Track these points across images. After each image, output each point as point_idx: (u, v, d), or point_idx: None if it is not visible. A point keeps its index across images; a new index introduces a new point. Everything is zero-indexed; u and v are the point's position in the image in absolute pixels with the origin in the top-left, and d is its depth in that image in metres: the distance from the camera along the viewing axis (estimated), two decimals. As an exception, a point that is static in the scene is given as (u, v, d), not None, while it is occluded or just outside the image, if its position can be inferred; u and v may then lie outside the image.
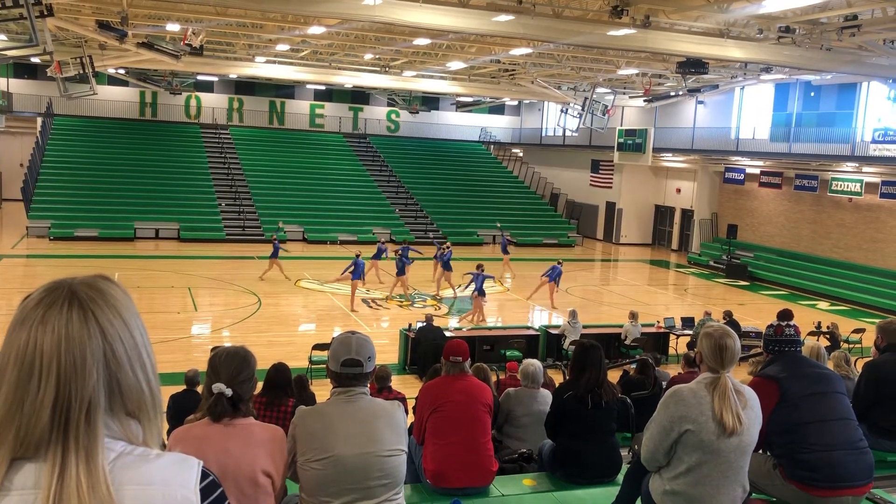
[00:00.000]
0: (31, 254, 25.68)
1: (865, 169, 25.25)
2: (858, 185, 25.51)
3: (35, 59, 28.80)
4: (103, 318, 1.27)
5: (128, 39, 21.56)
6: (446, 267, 21.24)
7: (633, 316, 15.57)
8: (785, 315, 4.35)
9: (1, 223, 32.22)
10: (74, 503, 1.17)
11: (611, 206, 37.26)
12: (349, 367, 3.26)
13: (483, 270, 18.36)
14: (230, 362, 3.09)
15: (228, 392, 2.98)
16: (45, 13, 15.14)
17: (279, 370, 6.49)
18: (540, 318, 20.13)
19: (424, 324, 14.23)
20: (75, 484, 1.18)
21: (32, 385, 1.22)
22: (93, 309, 1.27)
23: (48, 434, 1.21)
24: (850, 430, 4.05)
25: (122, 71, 33.85)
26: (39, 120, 36.04)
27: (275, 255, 22.90)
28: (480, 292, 18.15)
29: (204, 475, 1.32)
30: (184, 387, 8.32)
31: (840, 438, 3.97)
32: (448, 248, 22.03)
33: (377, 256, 22.54)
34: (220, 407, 2.98)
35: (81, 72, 24.47)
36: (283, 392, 6.33)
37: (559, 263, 20.95)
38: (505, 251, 25.77)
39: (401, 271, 20.37)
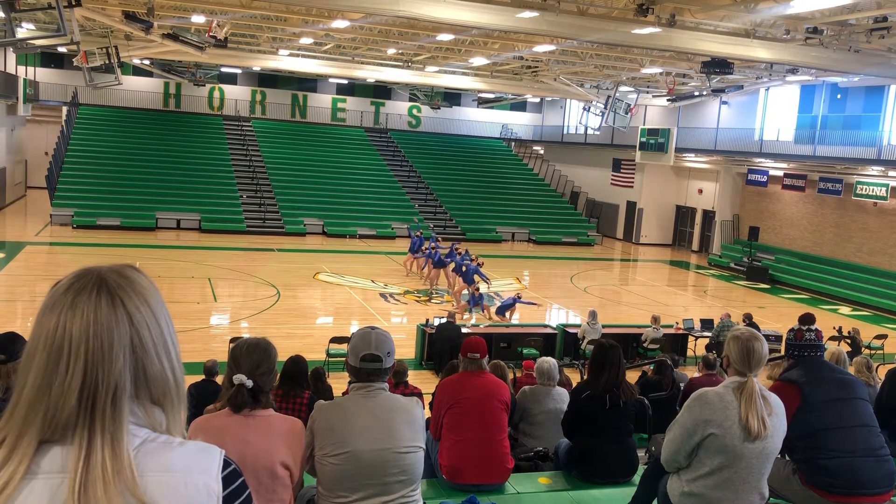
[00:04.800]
0: (55, 241, 25.97)
1: (891, 173, 24.90)
2: (884, 189, 25.17)
3: (62, 49, 29.12)
4: (131, 305, 1.29)
5: (153, 30, 21.71)
6: (438, 265, 21.15)
7: (656, 320, 15.43)
8: (806, 319, 4.31)
9: (25, 211, 32.61)
10: (100, 487, 1.18)
11: (631, 206, 37.06)
12: (368, 362, 3.26)
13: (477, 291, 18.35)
14: (251, 354, 3.11)
15: (249, 383, 3.00)
16: (74, 3, 15.29)
17: (296, 362, 6.54)
18: (558, 316, 20.09)
19: (444, 320, 14.24)
20: (101, 469, 1.20)
21: (61, 368, 1.23)
22: (121, 296, 1.29)
23: (75, 418, 1.23)
24: (871, 436, 4.01)
25: (146, 62, 34.15)
26: (65, 109, 36.41)
27: (413, 249, 23.14)
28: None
29: (226, 464, 1.33)
30: (202, 376, 8.39)
31: (861, 445, 3.93)
32: (435, 248, 21.93)
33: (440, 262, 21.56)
34: (241, 398, 3.00)
35: (107, 62, 24.71)
36: (299, 384, 6.37)
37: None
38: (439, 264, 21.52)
39: (469, 280, 19.82)
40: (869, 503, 3.92)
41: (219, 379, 7.92)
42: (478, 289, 18.58)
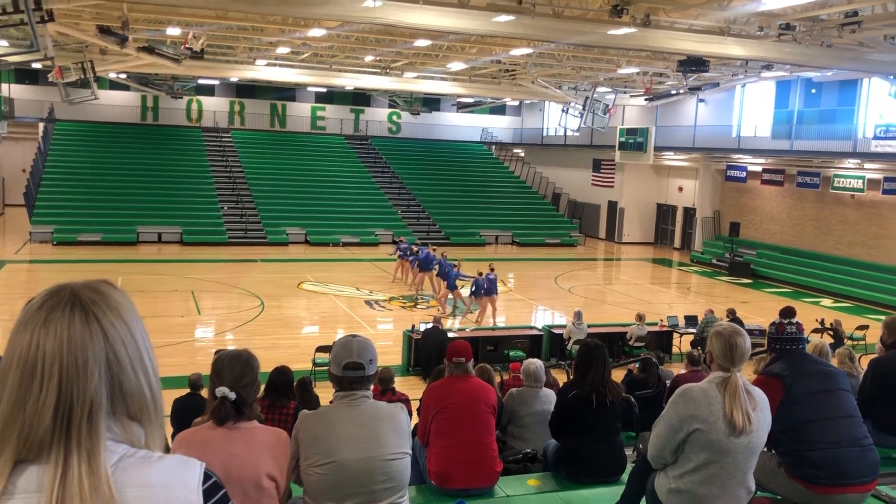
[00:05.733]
0: (35, 259, 25.71)
1: (867, 165, 25.21)
2: (861, 181, 25.47)
3: (36, 65, 28.86)
4: (105, 321, 1.28)
5: (128, 44, 21.57)
6: (423, 268, 21.14)
7: (640, 318, 15.52)
8: (787, 313, 4.34)
9: (4, 229, 32.27)
10: None
11: (613, 206, 37.24)
12: (351, 370, 3.25)
13: (482, 275, 18.30)
14: (233, 366, 3.09)
15: (232, 396, 2.98)
16: (46, 18, 15.14)
17: (281, 373, 6.52)
18: (543, 317, 20.12)
19: (430, 325, 14.22)
20: (77, 486, 1.18)
21: (35, 387, 1.22)
22: (95, 311, 1.28)
23: (50, 436, 1.22)
24: (854, 427, 4.04)
25: (123, 75, 33.89)
26: (41, 125, 36.09)
27: (404, 255, 22.97)
28: (486, 293, 18.15)
29: (206, 476, 1.32)
30: (187, 390, 8.32)
31: (844, 436, 3.97)
32: (419, 249, 21.99)
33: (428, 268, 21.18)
34: (224, 411, 2.98)
35: (83, 77, 24.49)
36: (285, 395, 6.35)
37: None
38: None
39: (452, 285, 19.76)
40: (854, 493, 3.95)
41: (204, 392, 7.86)
42: (481, 273, 18.42)
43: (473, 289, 18.33)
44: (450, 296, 19.69)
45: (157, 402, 1.34)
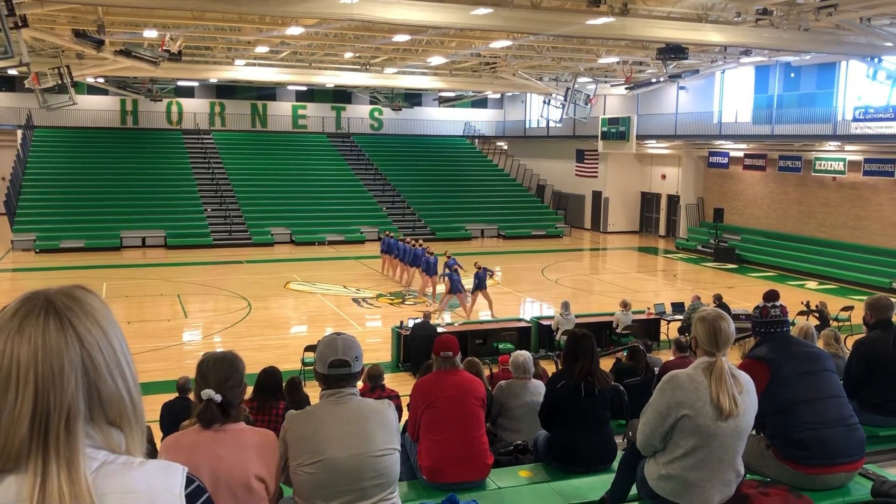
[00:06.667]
0: (17, 267, 25.48)
1: (848, 147, 25.38)
2: (841, 163, 25.65)
3: (12, 71, 28.55)
4: (81, 327, 1.26)
5: (105, 48, 21.40)
6: (413, 263, 21.25)
7: (625, 305, 15.60)
8: (770, 296, 4.37)
9: (-15, 238, 31.93)
10: None
11: (597, 195, 37.34)
12: (337, 368, 3.24)
13: (479, 268, 18.44)
14: (218, 368, 3.07)
15: (218, 398, 2.96)
16: (20, 24, 14.98)
17: (269, 374, 6.49)
18: (531, 309, 20.16)
19: (420, 321, 14.21)
20: (57, 494, 1.17)
21: (10, 395, 1.20)
22: (70, 317, 1.26)
23: (28, 444, 1.20)
24: (840, 407, 4.08)
25: (101, 80, 33.59)
26: (19, 132, 35.72)
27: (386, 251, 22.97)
28: (476, 287, 18.27)
29: (189, 481, 1.31)
30: (176, 394, 8.28)
31: (831, 416, 4.00)
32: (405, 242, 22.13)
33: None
34: (210, 413, 2.96)
35: (60, 82, 24.27)
36: (274, 396, 6.32)
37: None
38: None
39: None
40: (842, 472, 3.98)
41: (192, 395, 7.82)
42: (460, 266, 18.53)
43: (449, 285, 18.43)
44: (443, 290, 19.76)
45: (136, 407, 1.32)
